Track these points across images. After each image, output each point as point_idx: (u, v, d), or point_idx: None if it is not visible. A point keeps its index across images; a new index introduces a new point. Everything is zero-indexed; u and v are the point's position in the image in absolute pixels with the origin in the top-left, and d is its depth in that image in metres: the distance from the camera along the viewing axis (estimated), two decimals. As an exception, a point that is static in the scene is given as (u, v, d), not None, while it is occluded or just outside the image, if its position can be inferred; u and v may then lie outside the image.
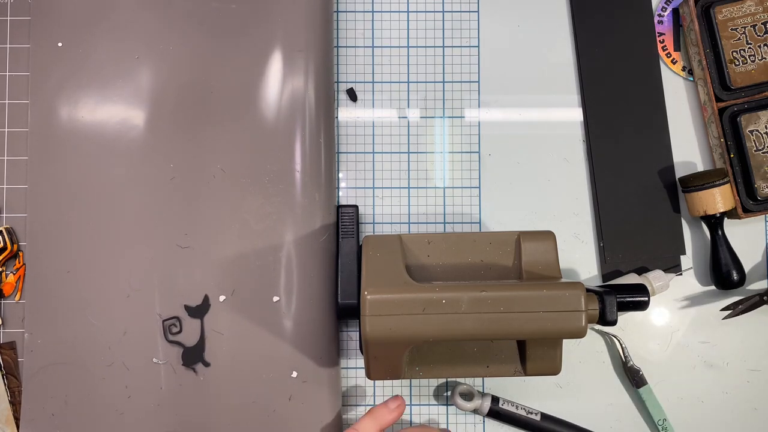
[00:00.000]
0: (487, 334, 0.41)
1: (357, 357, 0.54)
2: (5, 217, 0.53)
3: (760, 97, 0.52)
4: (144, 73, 0.52)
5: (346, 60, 0.56)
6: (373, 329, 0.41)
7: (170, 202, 0.52)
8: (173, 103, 0.52)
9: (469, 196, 0.55)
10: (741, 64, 0.52)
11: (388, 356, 0.44)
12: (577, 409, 0.54)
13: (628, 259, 0.54)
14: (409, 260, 0.46)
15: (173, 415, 0.51)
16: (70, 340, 0.51)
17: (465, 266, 0.47)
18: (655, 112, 0.55)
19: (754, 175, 0.52)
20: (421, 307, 0.41)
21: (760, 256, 0.55)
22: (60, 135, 0.52)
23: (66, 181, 0.52)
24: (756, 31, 0.52)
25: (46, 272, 0.51)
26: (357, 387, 0.54)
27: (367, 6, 0.56)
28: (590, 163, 0.55)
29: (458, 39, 0.56)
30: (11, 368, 0.52)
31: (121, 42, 0.52)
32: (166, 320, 0.51)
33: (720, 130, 0.53)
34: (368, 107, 0.56)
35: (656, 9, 0.56)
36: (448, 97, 0.56)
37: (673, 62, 0.56)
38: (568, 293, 0.41)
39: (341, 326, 0.54)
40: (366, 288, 0.41)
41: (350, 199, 0.55)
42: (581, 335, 0.41)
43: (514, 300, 0.41)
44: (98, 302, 0.51)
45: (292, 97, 0.52)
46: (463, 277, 0.46)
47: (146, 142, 0.52)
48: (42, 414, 0.51)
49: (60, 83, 0.52)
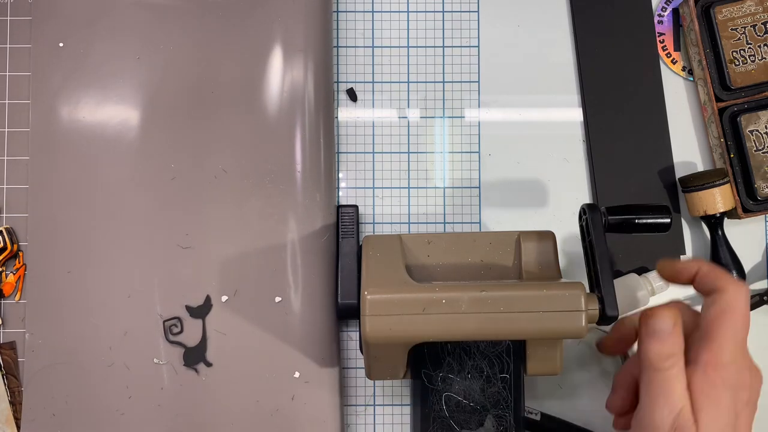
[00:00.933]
0: (487, 334, 0.41)
1: (357, 357, 0.55)
2: (5, 217, 0.53)
3: (760, 97, 0.52)
4: (145, 74, 0.52)
5: (346, 60, 0.56)
6: (373, 329, 0.41)
7: (171, 203, 0.52)
8: (174, 103, 0.52)
9: (469, 196, 0.55)
10: (741, 64, 0.52)
11: (388, 356, 0.44)
12: (577, 409, 0.54)
13: (628, 259, 0.54)
14: (409, 260, 0.46)
15: (174, 416, 0.51)
16: (71, 340, 0.51)
17: (465, 266, 0.47)
18: (655, 112, 0.55)
19: (754, 175, 0.52)
20: (421, 307, 0.41)
21: (760, 256, 0.55)
22: (61, 135, 0.52)
23: (67, 181, 0.52)
24: (756, 31, 0.52)
25: (46, 272, 0.52)
26: (357, 387, 0.54)
27: (367, 6, 0.56)
28: (590, 163, 0.55)
29: (458, 39, 0.56)
30: (11, 368, 0.52)
31: (122, 42, 0.52)
32: (167, 320, 0.51)
33: (720, 130, 0.53)
34: (368, 107, 0.56)
35: (656, 9, 0.56)
36: (448, 97, 0.56)
37: (673, 62, 0.56)
38: (568, 293, 0.41)
39: (341, 326, 0.54)
40: (366, 288, 0.41)
41: (350, 199, 0.55)
42: (581, 335, 0.41)
43: (514, 300, 0.41)
44: (99, 302, 0.51)
45: (293, 97, 0.52)
46: (463, 277, 0.46)
47: (147, 142, 0.52)
48: (43, 414, 0.51)
49: (61, 83, 0.52)
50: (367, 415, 0.54)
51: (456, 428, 0.44)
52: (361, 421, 0.54)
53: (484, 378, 0.44)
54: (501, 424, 0.44)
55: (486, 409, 0.44)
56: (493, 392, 0.44)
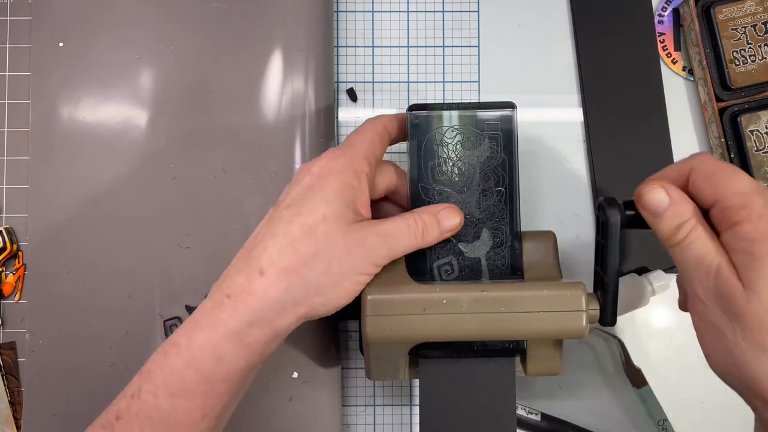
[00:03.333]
0: (488, 334, 0.41)
1: (357, 357, 0.55)
2: (5, 217, 0.53)
3: (761, 97, 0.52)
4: (145, 73, 0.52)
5: (346, 60, 0.56)
6: (373, 329, 0.41)
7: (171, 202, 0.52)
8: (174, 102, 0.52)
9: (470, 196, 0.55)
10: (741, 64, 0.52)
11: (388, 356, 0.44)
12: (577, 409, 0.54)
13: (628, 259, 0.54)
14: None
15: (174, 415, 0.51)
16: (71, 340, 0.51)
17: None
18: (656, 112, 0.55)
19: (754, 175, 0.52)
20: (421, 308, 0.41)
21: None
22: (61, 135, 0.52)
23: (67, 181, 0.52)
24: (756, 31, 0.52)
25: (46, 272, 0.51)
26: (357, 387, 0.54)
27: (367, 6, 0.56)
28: (590, 163, 0.55)
29: (458, 39, 0.56)
30: (11, 368, 0.52)
31: (122, 42, 0.52)
32: (167, 320, 0.51)
33: (720, 130, 0.53)
34: (368, 107, 0.56)
35: (656, 9, 0.56)
36: (448, 97, 0.56)
37: (673, 62, 0.56)
38: (568, 293, 0.41)
39: (341, 326, 0.54)
40: (366, 288, 0.41)
41: (350, 199, 0.55)
42: (582, 335, 0.41)
43: (515, 300, 0.41)
44: (99, 302, 0.51)
45: (293, 97, 0.52)
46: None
47: (147, 142, 0.52)
48: (43, 414, 0.51)
49: (61, 83, 0.52)
50: (367, 416, 0.54)
51: (453, 241, 0.45)
52: (361, 421, 0.54)
53: (480, 191, 0.44)
54: (497, 236, 0.45)
55: (482, 222, 0.45)
56: (489, 205, 0.45)
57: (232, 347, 0.36)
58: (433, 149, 0.45)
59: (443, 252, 0.45)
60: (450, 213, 0.42)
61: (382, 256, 0.39)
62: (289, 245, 0.37)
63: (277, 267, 0.37)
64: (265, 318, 0.36)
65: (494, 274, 0.45)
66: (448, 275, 0.45)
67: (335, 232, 0.37)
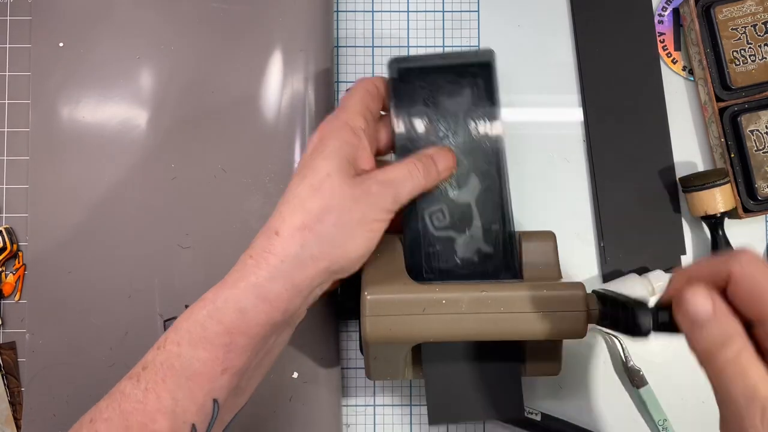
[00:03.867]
0: (488, 334, 0.41)
1: (357, 357, 0.55)
2: (5, 217, 0.53)
3: (761, 97, 0.52)
4: (145, 73, 0.52)
5: (346, 60, 0.56)
6: (373, 329, 0.41)
7: (171, 202, 0.52)
8: (174, 102, 0.52)
9: (470, 196, 0.55)
10: (741, 64, 0.52)
11: (388, 356, 0.44)
12: (577, 409, 0.54)
13: (628, 259, 0.54)
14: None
15: (174, 415, 0.51)
16: (71, 340, 0.51)
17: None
18: (656, 112, 0.55)
19: (754, 175, 0.52)
20: (421, 308, 0.41)
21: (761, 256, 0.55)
22: (61, 135, 0.52)
23: (67, 181, 0.52)
24: (756, 30, 0.52)
25: (46, 272, 0.52)
26: (357, 387, 0.54)
27: (367, 6, 0.56)
28: (590, 163, 0.55)
29: (458, 39, 0.56)
30: (11, 368, 0.52)
31: (122, 42, 0.52)
32: (167, 320, 0.51)
33: (720, 130, 0.53)
34: (368, 107, 0.56)
35: (656, 9, 0.56)
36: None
37: (673, 62, 0.56)
38: (568, 293, 0.41)
39: (341, 326, 0.54)
40: (366, 288, 0.41)
41: (350, 199, 0.55)
42: (581, 336, 0.41)
43: (515, 300, 0.41)
44: (99, 302, 0.51)
45: (293, 96, 0.52)
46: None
47: (147, 142, 0.52)
48: (43, 414, 0.51)
49: (61, 83, 0.52)
50: (367, 415, 0.54)
51: (442, 187, 0.45)
52: (361, 420, 0.54)
53: (465, 138, 0.45)
54: (485, 180, 0.45)
55: (470, 168, 0.45)
56: (475, 149, 0.45)
57: (253, 300, 0.37)
58: (416, 100, 0.45)
59: (434, 200, 0.45)
60: (443, 153, 0.44)
61: (389, 201, 0.41)
62: (299, 205, 0.39)
63: (291, 226, 0.39)
64: (284, 272, 0.38)
65: (485, 218, 0.45)
66: (440, 222, 0.45)
67: (339, 185, 0.39)
